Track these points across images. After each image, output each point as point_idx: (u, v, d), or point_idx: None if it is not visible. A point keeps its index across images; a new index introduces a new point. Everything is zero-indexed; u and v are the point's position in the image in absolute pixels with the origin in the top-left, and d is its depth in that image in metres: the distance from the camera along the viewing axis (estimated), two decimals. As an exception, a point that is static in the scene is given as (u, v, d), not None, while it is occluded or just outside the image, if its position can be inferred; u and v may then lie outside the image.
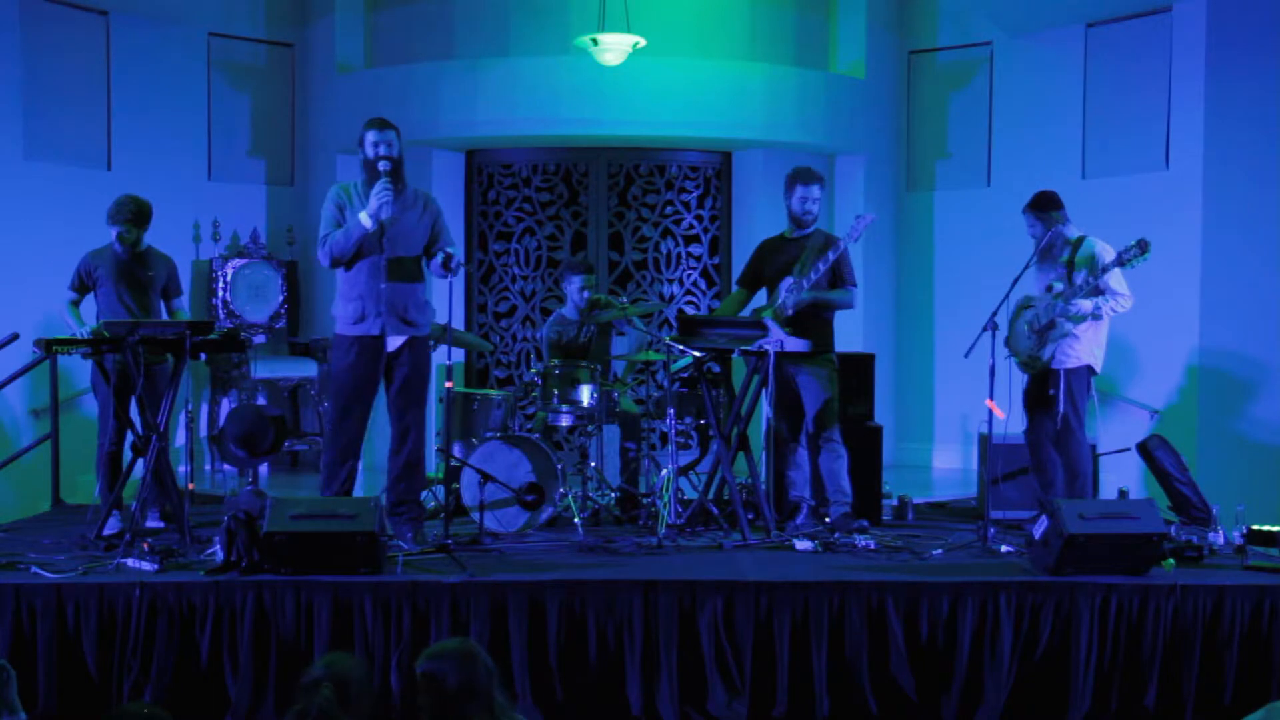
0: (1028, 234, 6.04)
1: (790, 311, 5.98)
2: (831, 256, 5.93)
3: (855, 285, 6.17)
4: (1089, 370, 5.99)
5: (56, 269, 6.87)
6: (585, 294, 6.92)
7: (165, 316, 6.20)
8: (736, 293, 6.43)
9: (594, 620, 4.78)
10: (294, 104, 9.35)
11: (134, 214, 6.04)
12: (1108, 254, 5.86)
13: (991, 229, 8.75)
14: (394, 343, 5.58)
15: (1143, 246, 5.59)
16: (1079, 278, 5.85)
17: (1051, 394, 5.92)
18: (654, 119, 8.51)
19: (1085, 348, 5.94)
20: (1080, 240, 6.01)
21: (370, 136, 5.54)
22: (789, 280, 6.03)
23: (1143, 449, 6.63)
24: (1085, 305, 5.79)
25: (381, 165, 5.46)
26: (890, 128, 9.36)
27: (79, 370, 7.00)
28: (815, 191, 6.16)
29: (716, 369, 6.78)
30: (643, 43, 7.67)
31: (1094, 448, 6.50)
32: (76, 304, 6.13)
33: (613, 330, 7.18)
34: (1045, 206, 6.07)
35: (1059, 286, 5.89)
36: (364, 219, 5.43)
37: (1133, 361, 8.05)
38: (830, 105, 8.88)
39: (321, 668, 3.15)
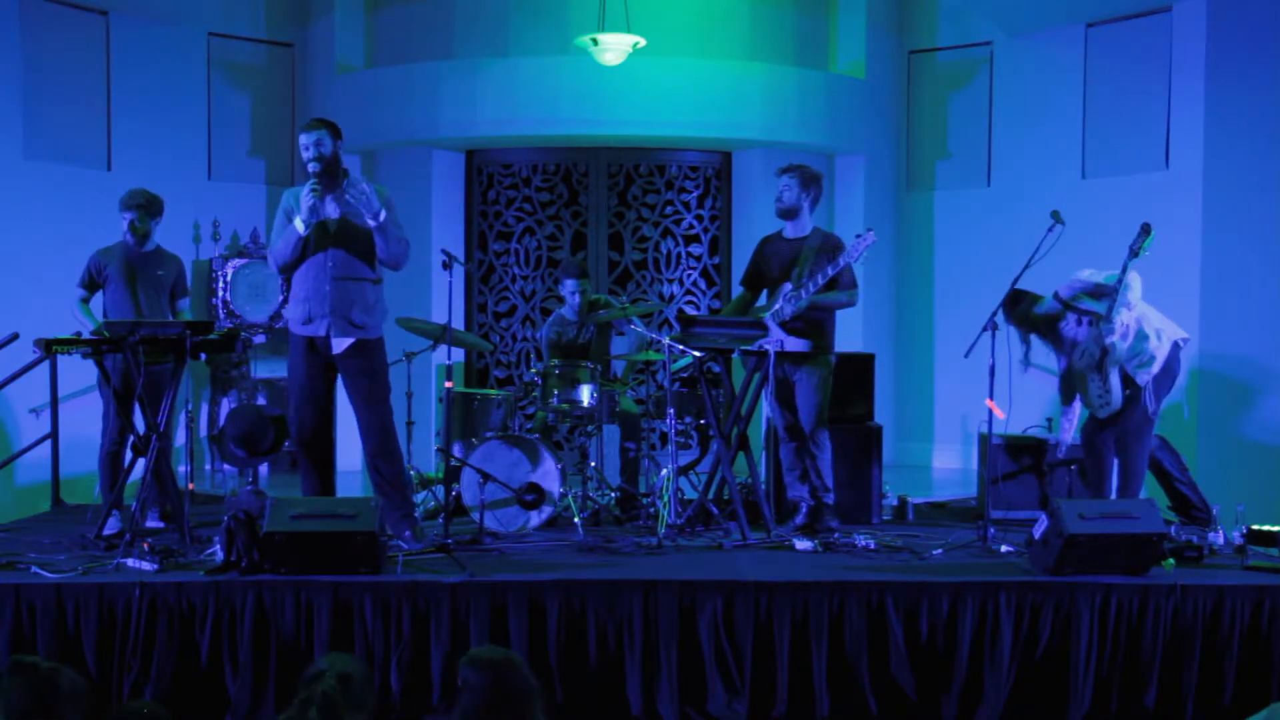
0: (1062, 224, 5.87)
1: (788, 317, 5.97)
2: (831, 272, 5.89)
3: (855, 286, 6.13)
4: (1175, 348, 5.97)
5: (57, 269, 6.88)
6: (577, 297, 6.94)
7: (170, 317, 6.22)
8: (741, 294, 6.39)
9: (594, 620, 4.78)
10: (294, 104, 9.35)
11: (146, 201, 6.09)
12: (1083, 274, 5.89)
13: (991, 229, 8.76)
14: (340, 344, 5.49)
15: (1145, 230, 5.61)
16: (1103, 306, 5.83)
17: (1129, 393, 5.83)
18: (654, 119, 8.52)
19: (1155, 344, 5.91)
20: (1055, 295, 6.00)
21: (301, 140, 5.46)
22: (787, 287, 6.00)
23: (1142, 449, 6.63)
24: (1125, 313, 5.77)
25: (311, 167, 5.41)
26: (890, 128, 9.36)
27: (82, 369, 6.98)
28: (783, 180, 6.13)
29: (717, 369, 6.78)
30: (643, 43, 7.68)
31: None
32: (86, 301, 6.14)
33: (612, 330, 7.18)
34: (1011, 305, 6.02)
35: (1093, 320, 5.88)
36: (297, 224, 5.39)
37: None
38: (830, 105, 8.89)
39: (323, 663, 3.13)
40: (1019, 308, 6.03)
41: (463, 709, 3.10)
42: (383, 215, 5.38)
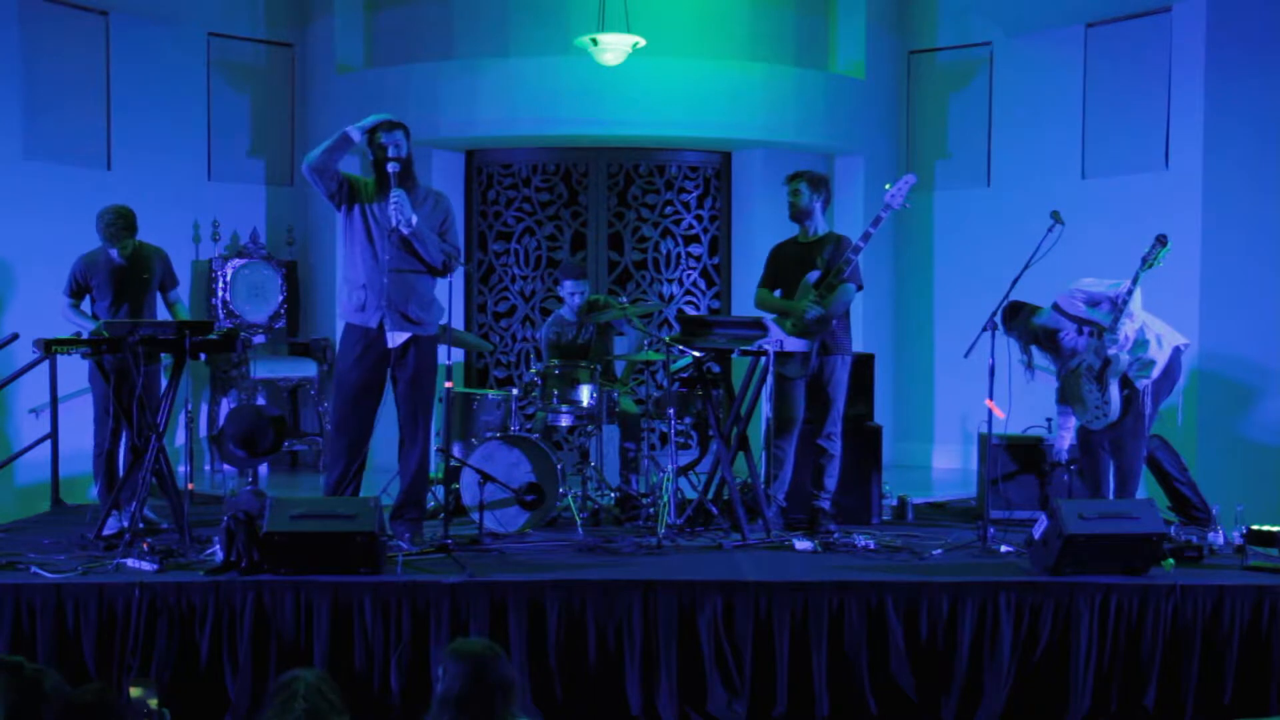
0: (1062, 224, 5.87)
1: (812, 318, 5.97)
2: (847, 270, 5.90)
3: (860, 287, 6.11)
4: (1176, 353, 5.98)
5: (56, 269, 6.86)
6: (577, 298, 6.94)
7: (163, 311, 6.20)
8: (766, 293, 6.31)
9: (594, 620, 4.78)
10: (294, 104, 9.35)
11: (127, 225, 6.01)
12: (1081, 285, 5.88)
13: (991, 229, 8.75)
14: (395, 339, 5.54)
15: (1161, 241, 5.61)
16: (1105, 316, 5.83)
17: (1126, 394, 5.82)
18: (654, 119, 8.51)
19: (1155, 350, 5.92)
20: (1055, 306, 5.98)
21: (382, 138, 5.51)
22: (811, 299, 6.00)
23: (1142, 449, 6.63)
24: (1128, 324, 5.77)
25: (390, 167, 5.45)
26: (890, 128, 9.36)
27: (83, 369, 6.99)
28: (790, 188, 6.16)
29: (716, 369, 6.78)
30: (643, 43, 7.67)
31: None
32: (77, 306, 6.13)
33: (612, 330, 7.18)
34: (1010, 317, 6.02)
35: (1094, 331, 5.87)
36: (394, 217, 5.40)
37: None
38: (830, 105, 8.88)
39: (296, 671, 3.08)
40: (1018, 319, 6.04)
41: (440, 698, 3.11)
42: (414, 222, 5.40)
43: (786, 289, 6.15)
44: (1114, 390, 5.80)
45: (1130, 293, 5.71)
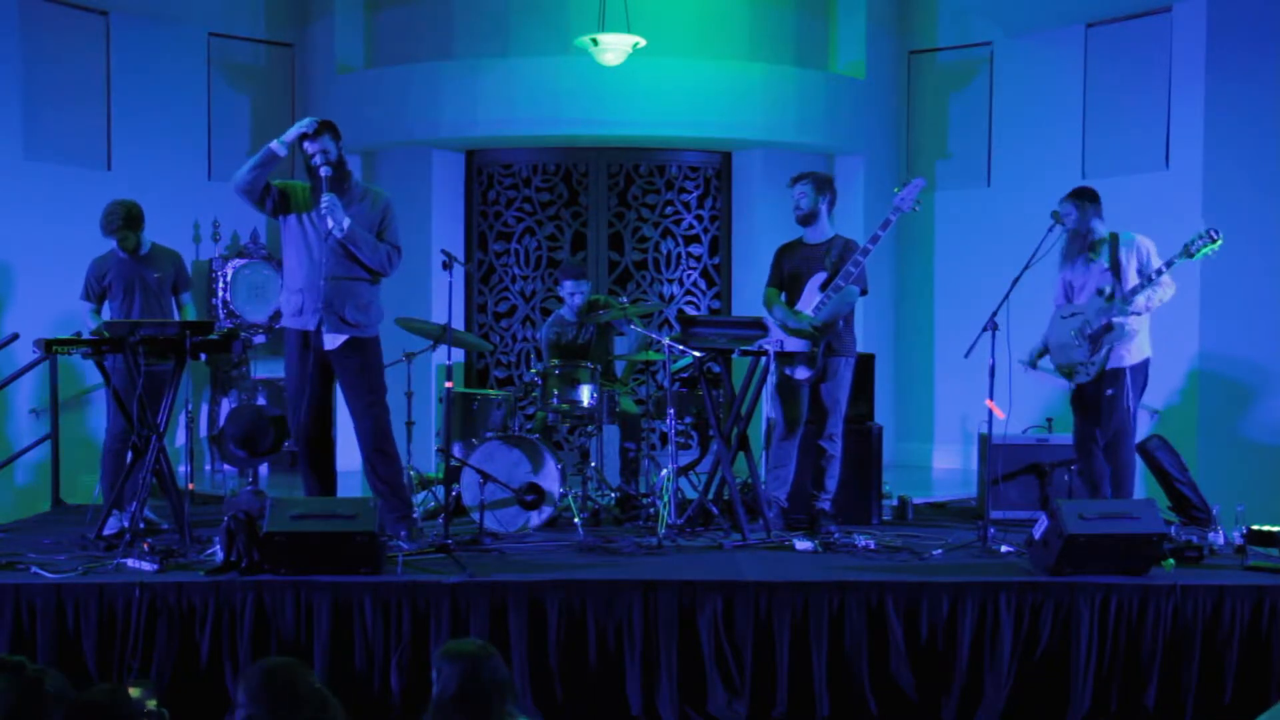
0: (1062, 224, 5.89)
1: (821, 320, 5.96)
2: (854, 272, 5.90)
3: (864, 291, 6.11)
4: (1147, 362, 5.98)
5: (56, 269, 6.88)
6: (577, 298, 6.94)
7: (175, 312, 6.20)
8: (774, 292, 6.33)
9: (594, 620, 4.78)
10: (294, 104, 9.35)
11: (124, 219, 6.01)
12: (1148, 245, 5.87)
13: (991, 229, 8.76)
14: (332, 341, 5.51)
15: (1212, 237, 5.58)
16: (1127, 276, 5.82)
17: (1110, 394, 5.83)
18: (654, 119, 8.51)
19: (1144, 340, 5.91)
20: (1114, 237, 5.96)
21: (307, 147, 5.50)
22: (819, 297, 5.98)
23: (1142, 449, 6.63)
24: (1141, 301, 5.76)
25: (323, 171, 5.44)
26: (890, 128, 9.36)
27: (90, 368, 7.00)
28: (798, 188, 6.16)
29: (717, 369, 6.78)
30: (643, 43, 7.68)
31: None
32: (98, 312, 6.11)
33: (612, 331, 7.18)
34: (1086, 197, 6.01)
35: (1108, 289, 5.85)
36: (332, 225, 5.40)
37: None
38: (830, 105, 8.89)
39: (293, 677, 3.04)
40: (1089, 202, 5.96)
41: (436, 699, 3.10)
42: (346, 225, 5.40)
43: (791, 292, 6.14)
44: (1103, 354, 5.80)
45: (1160, 271, 5.71)
